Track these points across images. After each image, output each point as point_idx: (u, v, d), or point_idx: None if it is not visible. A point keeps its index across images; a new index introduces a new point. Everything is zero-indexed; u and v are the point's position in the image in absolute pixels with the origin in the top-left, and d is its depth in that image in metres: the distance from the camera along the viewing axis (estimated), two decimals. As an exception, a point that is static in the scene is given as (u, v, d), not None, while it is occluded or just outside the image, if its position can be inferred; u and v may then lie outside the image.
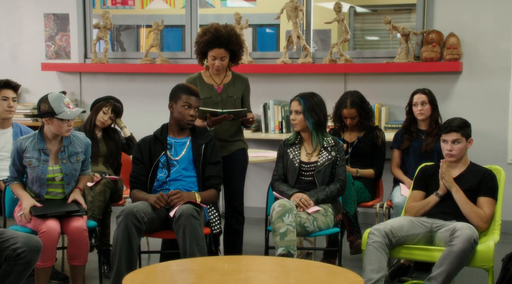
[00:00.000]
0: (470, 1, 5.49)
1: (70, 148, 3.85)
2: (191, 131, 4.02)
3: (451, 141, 3.88)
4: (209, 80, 4.25)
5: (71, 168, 3.84)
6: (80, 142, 3.92)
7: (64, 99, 3.75)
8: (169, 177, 3.92)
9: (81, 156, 3.90)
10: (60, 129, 3.78)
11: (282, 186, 4.07)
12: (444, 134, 3.92)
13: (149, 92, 6.18)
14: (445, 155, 3.90)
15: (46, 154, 3.80)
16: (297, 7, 5.73)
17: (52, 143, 3.84)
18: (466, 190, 3.83)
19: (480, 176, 3.88)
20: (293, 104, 4.10)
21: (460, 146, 3.89)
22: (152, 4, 7.93)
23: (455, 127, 3.89)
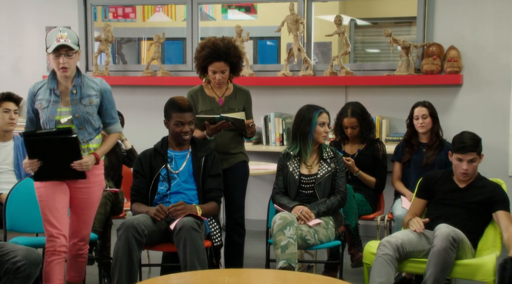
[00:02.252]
0: (470, 14, 5.51)
1: (82, 89, 3.56)
2: (191, 143, 4.02)
3: (467, 160, 3.83)
4: (211, 93, 4.26)
5: (82, 110, 3.54)
6: (94, 85, 3.61)
7: (60, 32, 3.47)
8: (170, 190, 3.92)
9: (95, 100, 3.58)
10: (54, 66, 3.52)
11: (283, 199, 4.06)
12: (460, 154, 3.83)
13: (150, 104, 6.19)
14: (459, 173, 3.85)
15: (57, 95, 3.55)
16: (297, 20, 5.75)
17: (63, 85, 3.57)
18: (476, 203, 3.81)
19: (491, 189, 3.85)
20: (325, 116, 4.10)
21: (475, 164, 3.85)
22: (153, 17, 7.98)
23: (471, 147, 3.82)
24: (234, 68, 4.21)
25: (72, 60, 3.50)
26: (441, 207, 3.92)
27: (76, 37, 3.54)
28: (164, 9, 7.88)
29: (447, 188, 3.94)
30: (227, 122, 4.04)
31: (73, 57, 3.49)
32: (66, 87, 3.55)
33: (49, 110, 3.52)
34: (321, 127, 4.06)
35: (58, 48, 3.43)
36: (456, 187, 3.92)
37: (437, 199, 3.95)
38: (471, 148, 3.80)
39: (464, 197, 3.87)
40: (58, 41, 3.43)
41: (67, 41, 3.44)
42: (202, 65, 4.17)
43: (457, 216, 3.82)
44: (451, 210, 3.85)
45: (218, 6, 7.90)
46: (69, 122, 3.53)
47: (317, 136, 4.06)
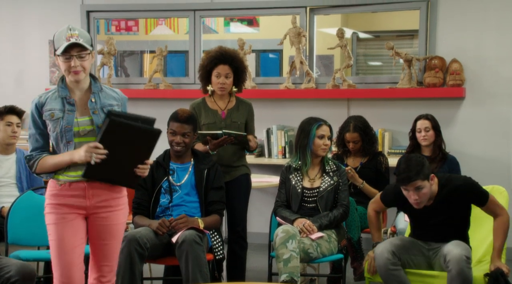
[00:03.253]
0: (472, 27, 5.52)
1: (101, 96, 3.07)
2: (193, 156, 4.02)
3: (414, 190, 3.58)
4: (213, 106, 4.26)
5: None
6: (114, 94, 3.13)
7: (70, 30, 2.96)
8: (172, 203, 3.91)
9: (116, 109, 3.08)
10: (64, 70, 2.99)
11: (285, 212, 4.05)
12: (404, 185, 3.60)
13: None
14: (413, 204, 3.64)
15: (71, 104, 3.01)
16: (300, 33, 5.77)
17: (77, 94, 3.04)
18: (452, 212, 3.68)
19: (456, 191, 3.67)
20: (325, 129, 4.08)
21: (424, 191, 3.59)
22: (156, 30, 8.01)
23: (413, 176, 3.55)
24: (238, 78, 4.22)
25: (86, 62, 2.98)
26: (417, 221, 3.84)
27: (89, 36, 3.03)
28: (166, 22, 7.92)
29: (413, 209, 3.74)
30: (229, 137, 4.05)
31: (87, 58, 2.97)
32: (80, 95, 3.05)
33: (64, 120, 2.98)
34: (320, 140, 4.05)
35: (68, 48, 2.92)
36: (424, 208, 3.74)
37: (408, 214, 3.89)
38: (413, 177, 3.54)
39: (435, 215, 3.74)
40: (68, 40, 2.92)
41: (79, 40, 2.93)
42: (207, 68, 4.19)
43: (437, 228, 3.74)
44: (430, 226, 3.76)
45: (220, 19, 7.93)
46: (90, 134, 3.00)
47: (316, 148, 4.06)
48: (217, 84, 4.16)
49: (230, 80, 4.17)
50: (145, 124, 2.96)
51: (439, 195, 3.68)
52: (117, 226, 3.08)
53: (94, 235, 3.06)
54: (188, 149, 3.97)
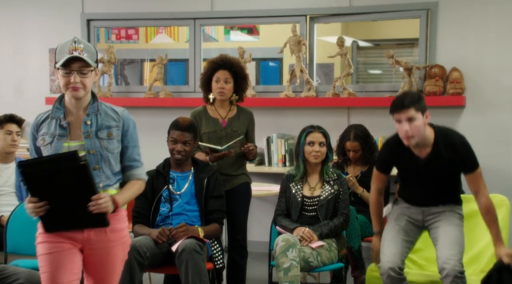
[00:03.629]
0: (472, 35, 5.52)
1: (98, 118, 2.78)
2: (193, 164, 4.01)
3: (406, 120, 3.35)
4: (214, 114, 4.26)
5: (98, 145, 2.74)
6: (114, 114, 2.84)
7: (74, 43, 2.71)
8: (172, 212, 3.90)
9: (115, 132, 2.79)
10: (62, 85, 2.73)
11: (285, 221, 4.04)
12: (396, 113, 3.38)
13: (153, 126, 6.18)
14: (402, 137, 3.41)
15: (63, 127, 2.75)
16: (300, 41, 5.77)
17: (73, 114, 2.78)
18: (446, 171, 3.52)
19: (453, 148, 3.48)
20: (315, 135, 4.07)
21: (417, 123, 3.35)
22: (156, 39, 8.02)
23: (408, 103, 3.35)
24: (238, 86, 4.23)
25: (87, 79, 2.72)
26: (409, 181, 3.70)
27: (95, 51, 2.80)
28: (167, 30, 7.93)
29: (407, 162, 3.58)
30: (229, 151, 4.05)
31: (88, 75, 2.72)
32: (77, 117, 2.78)
33: (53, 146, 2.73)
34: (310, 147, 4.06)
35: (69, 61, 2.68)
36: (416, 161, 3.55)
37: (401, 174, 3.71)
38: (407, 104, 3.34)
39: (429, 172, 3.55)
40: (71, 53, 2.69)
41: (83, 54, 2.70)
42: (207, 75, 4.20)
43: (428, 189, 3.60)
44: (420, 187, 3.62)
45: (220, 27, 7.94)
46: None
47: (307, 156, 4.07)
48: (216, 89, 4.17)
49: (229, 86, 4.18)
50: (64, 162, 2.55)
51: (435, 147, 3.49)
52: (117, 261, 2.79)
53: (90, 271, 2.78)
54: (188, 158, 3.97)
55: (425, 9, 5.56)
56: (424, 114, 3.39)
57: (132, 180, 2.87)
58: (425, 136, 3.45)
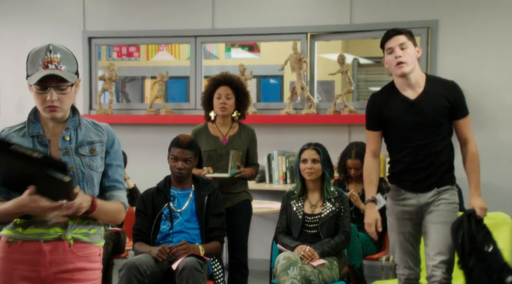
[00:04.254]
0: (473, 53, 5.53)
1: (79, 133, 2.39)
2: (194, 182, 4.00)
3: (398, 46, 3.30)
4: (215, 132, 4.26)
5: (79, 162, 2.34)
6: (98, 128, 2.45)
7: (50, 53, 2.27)
8: (172, 229, 3.88)
9: (99, 148, 2.40)
10: (37, 103, 2.33)
11: (286, 239, 4.02)
12: (388, 41, 3.34)
13: (153, 143, 6.18)
14: (394, 66, 3.33)
15: (44, 144, 2.34)
16: (301, 59, 5.78)
17: (51, 130, 2.38)
18: (437, 111, 3.36)
19: (446, 88, 3.40)
20: (308, 152, 4.07)
21: (409, 51, 3.32)
22: (157, 56, 8.05)
23: (400, 30, 3.35)
24: (239, 103, 4.24)
25: (66, 96, 2.30)
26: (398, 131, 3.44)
27: (74, 59, 2.35)
28: (168, 48, 7.95)
29: (397, 105, 3.41)
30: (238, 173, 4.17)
31: (68, 91, 2.30)
32: (55, 132, 2.38)
33: None
34: (304, 164, 4.06)
35: (44, 78, 2.25)
36: (407, 101, 3.40)
37: (391, 124, 3.44)
38: (400, 31, 3.34)
39: (419, 112, 3.38)
40: (46, 66, 2.25)
41: (60, 67, 2.27)
42: (208, 91, 4.22)
43: (418, 149, 3.38)
44: (410, 144, 3.39)
45: (221, 45, 7.96)
46: None
47: (302, 173, 4.07)
48: (218, 104, 4.18)
49: (231, 102, 4.19)
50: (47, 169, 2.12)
51: (427, 86, 3.40)
52: None
53: None
54: (189, 175, 3.96)
55: (425, 27, 5.58)
56: (415, 47, 3.36)
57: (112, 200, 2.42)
58: (417, 74, 3.37)
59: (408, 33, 3.36)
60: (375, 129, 3.51)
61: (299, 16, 5.92)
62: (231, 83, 4.23)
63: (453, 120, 3.44)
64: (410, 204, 3.46)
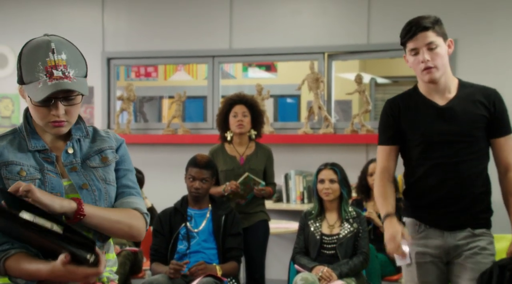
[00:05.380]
0: (492, 73, 5.47)
1: (82, 143, 1.97)
2: (211, 202, 4.00)
3: (425, 46, 2.62)
4: (232, 151, 4.27)
5: (93, 177, 1.92)
6: (104, 135, 2.02)
7: (53, 54, 1.80)
8: (189, 249, 3.87)
9: (111, 155, 1.98)
10: (37, 117, 1.87)
11: (303, 259, 3.99)
12: (410, 41, 2.65)
13: (171, 162, 6.20)
14: (421, 72, 2.66)
15: (50, 161, 1.89)
16: (318, 79, 5.78)
17: (51, 142, 1.94)
18: (471, 122, 2.68)
19: (483, 97, 2.71)
20: (326, 173, 4.06)
21: (439, 51, 2.64)
22: (175, 76, 8.09)
23: (427, 24, 2.62)
24: (255, 122, 4.26)
25: (75, 107, 1.87)
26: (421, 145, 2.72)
27: (82, 58, 1.91)
28: (185, 68, 8.00)
29: (420, 111, 2.73)
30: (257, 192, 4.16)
31: (77, 101, 1.87)
32: (57, 146, 1.94)
33: (48, 183, 1.85)
34: (321, 184, 4.05)
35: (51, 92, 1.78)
36: (435, 107, 2.72)
37: (412, 135, 2.73)
38: (426, 25, 2.62)
39: (449, 122, 2.69)
40: (50, 74, 1.78)
41: (68, 75, 1.81)
42: (224, 111, 4.24)
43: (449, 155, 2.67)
44: (439, 147, 2.68)
45: (239, 64, 8.00)
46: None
47: (320, 193, 4.06)
48: (235, 122, 4.20)
49: (247, 120, 4.21)
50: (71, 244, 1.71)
51: (460, 90, 2.75)
52: None
53: None
54: (206, 195, 3.96)
55: (443, 46, 5.56)
56: (446, 41, 2.69)
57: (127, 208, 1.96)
58: (448, 77, 2.72)
59: (437, 26, 2.64)
60: (389, 142, 2.81)
61: (316, 36, 5.94)
62: (246, 101, 4.25)
63: (492, 138, 2.73)
64: (434, 246, 2.73)
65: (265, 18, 6.06)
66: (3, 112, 6.61)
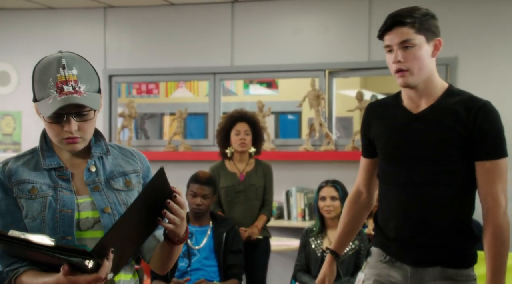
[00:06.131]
0: (493, 89, 5.45)
1: (105, 161, 1.91)
2: (212, 219, 3.99)
3: (398, 45, 2.20)
4: (232, 168, 4.27)
5: (115, 200, 1.86)
6: (128, 154, 1.97)
7: (63, 69, 1.77)
8: (190, 267, 3.86)
9: (135, 180, 1.94)
10: (52, 134, 1.86)
11: (304, 277, 3.98)
12: (386, 34, 2.25)
13: (172, 179, 6.06)
14: (393, 73, 2.26)
15: (65, 179, 1.85)
16: (319, 96, 5.80)
17: (69, 160, 1.89)
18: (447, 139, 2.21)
19: (464, 109, 2.21)
20: (327, 190, 4.06)
21: (416, 52, 2.19)
22: (176, 93, 8.11)
23: (404, 17, 2.19)
24: (256, 139, 4.27)
25: (89, 123, 1.82)
26: (386, 160, 2.33)
27: (94, 73, 1.85)
28: (187, 85, 8.02)
29: (390, 119, 2.31)
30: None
31: (91, 117, 1.82)
32: (76, 163, 1.89)
33: (60, 200, 1.80)
34: (322, 202, 4.06)
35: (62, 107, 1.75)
36: (405, 116, 2.29)
37: (378, 146, 2.33)
38: (403, 19, 2.18)
39: (420, 132, 2.24)
40: (60, 89, 1.76)
41: (79, 90, 1.77)
42: (226, 128, 4.25)
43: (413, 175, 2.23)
44: (402, 163, 2.25)
45: (240, 81, 8.02)
46: (97, 226, 1.82)
47: (321, 211, 4.06)
48: (237, 140, 4.21)
49: (249, 138, 4.23)
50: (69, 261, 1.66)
51: (442, 99, 2.26)
52: None
53: None
54: (207, 211, 3.95)
55: (444, 64, 5.57)
56: (431, 41, 2.23)
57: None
58: (430, 81, 2.25)
59: (421, 21, 2.20)
60: (364, 154, 2.44)
61: (317, 53, 5.96)
62: (248, 119, 4.27)
63: (472, 160, 2.22)
64: (396, 278, 2.28)
65: (266, 35, 6.08)
66: (5, 130, 6.62)
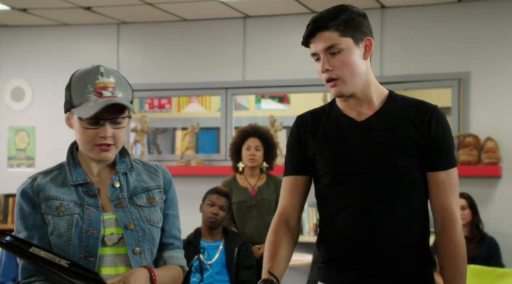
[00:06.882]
0: (507, 104, 5.48)
1: (129, 177, 1.94)
2: (224, 234, 3.98)
3: (324, 51, 1.94)
4: (244, 183, 4.27)
5: (138, 216, 1.88)
6: (151, 170, 2.00)
7: (101, 76, 1.83)
8: (202, 282, 3.86)
9: (158, 196, 1.95)
10: (85, 140, 1.87)
11: (318, 293, 3.94)
12: (310, 40, 1.97)
13: (184, 194, 6.10)
14: (325, 83, 2.01)
15: (92, 195, 1.88)
16: (331, 111, 5.78)
17: (96, 176, 1.92)
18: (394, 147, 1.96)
19: (415, 115, 1.98)
20: None
21: (344, 58, 1.94)
22: (188, 108, 8.14)
23: (326, 21, 1.93)
24: (268, 154, 4.26)
25: (122, 131, 1.87)
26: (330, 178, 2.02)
27: (129, 85, 1.91)
28: (199, 100, 8.05)
29: (330, 129, 2.05)
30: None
31: (124, 125, 1.87)
32: (102, 179, 1.92)
33: (86, 219, 1.83)
34: None
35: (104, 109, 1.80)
36: (349, 124, 2.03)
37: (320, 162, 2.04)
38: (325, 23, 1.93)
39: (369, 142, 1.98)
40: (99, 94, 1.81)
41: (116, 96, 1.83)
42: (237, 143, 4.25)
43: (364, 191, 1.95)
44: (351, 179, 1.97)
45: (251, 96, 8.04)
46: (121, 243, 1.86)
47: None
48: (247, 156, 4.21)
49: (260, 153, 4.22)
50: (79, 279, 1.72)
51: (386, 104, 2.04)
52: None
53: None
54: (221, 224, 3.96)
55: (456, 79, 5.56)
56: (361, 42, 1.97)
57: (169, 264, 1.94)
58: (368, 84, 2.01)
59: (341, 24, 1.93)
60: (293, 172, 2.09)
61: (329, 68, 5.95)
62: (260, 135, 4.27)
63: (427, 171, 2.00)
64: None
65: (278, 50, 6.10)
66: (19, 145, 6.66)
